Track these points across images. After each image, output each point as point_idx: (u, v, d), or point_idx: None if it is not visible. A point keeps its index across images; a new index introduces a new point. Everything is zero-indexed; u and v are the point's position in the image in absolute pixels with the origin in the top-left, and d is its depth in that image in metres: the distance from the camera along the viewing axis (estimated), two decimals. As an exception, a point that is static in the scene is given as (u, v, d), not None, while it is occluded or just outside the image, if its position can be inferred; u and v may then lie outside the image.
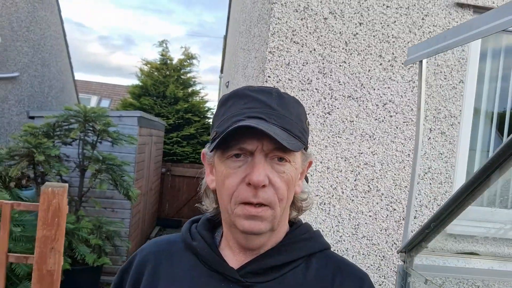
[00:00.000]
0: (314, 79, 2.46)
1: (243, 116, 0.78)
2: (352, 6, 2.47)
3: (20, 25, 7.07)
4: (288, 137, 0.77)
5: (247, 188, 0.77)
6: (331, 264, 0.87)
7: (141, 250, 0.95)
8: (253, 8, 3.45)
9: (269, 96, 0.81)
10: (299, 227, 0.90)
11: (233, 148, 0.78)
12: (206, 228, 0.92)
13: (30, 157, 4.06)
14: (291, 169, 0.80)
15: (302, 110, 0.86)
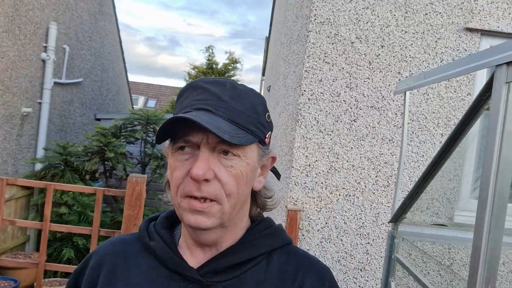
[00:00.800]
0: (342, 92, 3.02)
1: (190, 108, 0.78)
2: (375, 32, 3.02)
3: (84, 35, 8.00)
4: (235, 130, 0.76)
5: (191, 181, 0.76)
6: (293, 259, 0.88)
7: (96, 252, 0.92)
8: (294, 26, 4.03)
9: (222, 88, 0.80)
10: (260, 223, 0.90)
11: (179, 141, 0.78)
12: (164, 226, 0.90)
13: (101, 154, 4.85)
14: (240, 164, 0.79)
15: (260, 101, 0.84)
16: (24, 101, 6.21)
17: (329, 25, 2.99)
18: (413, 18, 3.02)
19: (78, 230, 3.05)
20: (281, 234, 0.91)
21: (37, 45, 6.43)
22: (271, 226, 0.90)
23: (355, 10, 3.00)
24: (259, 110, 0.83)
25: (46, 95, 6.61)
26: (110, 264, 0.87)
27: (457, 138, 1.26)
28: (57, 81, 6.93)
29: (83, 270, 0.90)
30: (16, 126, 6.06)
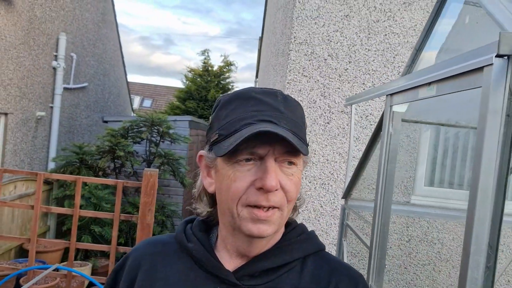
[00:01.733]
0: (317, 100, 3.74)
1: (253, 120, 0.78)
2: (344, 50, 3.73)
3: (89, 43, 8.68)
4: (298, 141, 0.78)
5: (257, 192, 0.77)
6: (327, 266, 0.89)
7: (134, 251, 0.95)
8: (280, 40, 4.73)
9: (274, 98, 0.82)
10: (294, 228, 0.91)
11: (243, 153, 0.78)
12: (201, 229, 0.92)
13: (111, 153, 5.54)
14: (298, 172, 0.82)
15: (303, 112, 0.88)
16: (38, 106, 6.89)
17: (306, 45, 3.71)
18: (375, 38, 3.74)
19: (103, 215, 3.75)
20: (315, 240, 0.93)
21: (48, 54, 7.11)
22: (304, 232, 0.92)
23: (327, 33, 3.71)
24: (304, 120, 0.87)
25: (57, 99, 7.29)
26: (149, 264, 0.90)
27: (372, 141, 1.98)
28: (66, 87, 7.61)
29: (122, 269, 0.94)
30: (32, 129, 6.74)
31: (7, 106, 6.01)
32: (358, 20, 3.72)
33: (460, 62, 1.11)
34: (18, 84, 6.25)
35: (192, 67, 11.22)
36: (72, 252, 3.68)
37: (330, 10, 3.69)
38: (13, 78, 6.11)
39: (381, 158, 1.68)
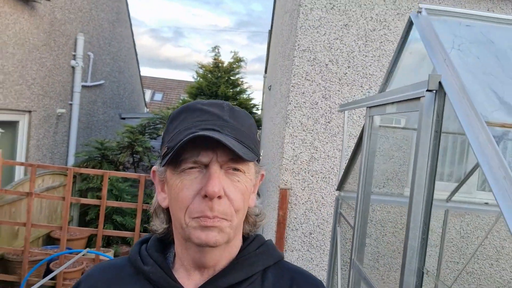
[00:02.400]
0: (319, 101, 4.18)
1: (197, 128, 0.80)
2: (343, 56, 4.16)
3: (105, 42, 9.17)
4: (242, 148, 0.80)
5: (202, 200, 0.78)
6: (287, 275, 0.92)
7: (87, 278, 0.92)
8: (287, 43, 5.16)
9: (221, 109, 0.84)
10: (252, 241, 0.92)
11: (187, 161, 0.79)
12: (157, 249, 0.91)
13: (130, 148, 6.05)
14: (245, 180, 0.83)
15: (253, 123, 0.89)
16: (59, 103, 7.41)
17: (309, 52, 4.14)
18: (371, 45, 4.16)
19: (128, 205, 4.25)
20: (273, 250, 0.94)
21: (67, 54, 7.62)
22: (263, 244, 0.93)
23: (328, 40, 4.15)
24: (253, 130, 0.88)
25: (76, 97, 7.81)
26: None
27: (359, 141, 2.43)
28: (84, 84, 8.13)
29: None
30: (53, 125, 7.26)
31: (31, 104, 6.53)
32: (356, 29, 4.14)
33: (408, 91, 1.55)
34: (41, 83, 6.77)
35: (203, 63, 11.68)
36: (99, 238, 4.19)
37: (330, 20, 4.12)
38: (36, 78, 6.63)
39: (362, 155, 2.13)
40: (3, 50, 5.71)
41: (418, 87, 1.47)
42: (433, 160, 1.45)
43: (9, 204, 4.53)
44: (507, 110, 1.31)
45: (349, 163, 2.71)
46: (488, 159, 1.13)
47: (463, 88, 1.35)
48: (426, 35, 1.64)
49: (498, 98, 1.35)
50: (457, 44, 1.59)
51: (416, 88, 1.48)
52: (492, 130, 1.21)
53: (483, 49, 1.60)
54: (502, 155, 1.13)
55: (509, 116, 1.30)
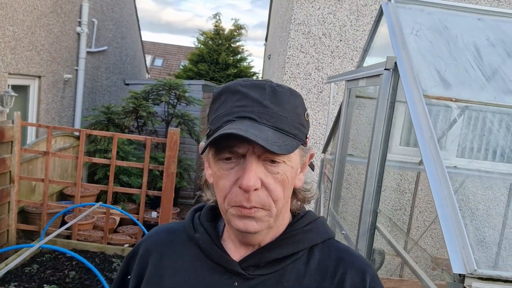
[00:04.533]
0: (312, 72, 4.54)
1: (233, 116, 0.80)
2: (336, 30, 4.49)
3: (108, 8, 9.40)
4: (281, 137, 0.79)
5: (239, 191, 0.79)
6: (334, 255, 0.91)
7: (145, 240, 1.00)
8: (284, 15, 5.47)
9: (262, 92, 0.81)
10: (301, 217, 0.93)
11: (224, 151, 0.80)
12: (209, 218, 0.95)
13: (135, 113, 6.42)
14: (286, 169, 0.82)
15: (300, 102, 0.86)
16: (65, 69, 7.74)
17: (303, 25, 4.48)
18: (363, 20, 4.49)
19: (136, 165, 4.68)
20: (322, 228, 0.94)
21: (73, 21, 7.89)
22: (312, 221, 0.93)
23: (322, 15, 4.47)
24: (299, 111, 0.85)
25: (81, 63, 8.13)
26: (158, 253, 0.94)
27: (340, 110, 2.82)
28: (88, 50, 8.42)
29: (134, 256, 0.99)
30: (60, 90, 7.62)
31: (41, 69, 6.87)
32: (349, 4, 4.46)
33: (372, 69, 1.94)
34: (49, 49, 7.08)
35: (204, 30, 11.90)
36: (110, 194, 4.64)
37: (325, -5, 4.44)
38: (45, 44, 6.94)
39: (340, 122, 2.53)
40: (14, 17, 6.01)
41: (379, 66, 1.86)
42: (387, 125, 1.86)
43: (26, 162, 4.97)
44: (445, 86, 1.70)
45: (332, 130, 3.12)
46: (420, 123, 1.53)
47: (411, 68, 1.73)
48: (391, 22, 2.01)
49: (440, 76, 1.74)
50: (415, 30, 1.96)
51: (377, 67, 1.87)
52: (428, 101, 1.60)
53: (437, 34, 1.98)
54: (431, 120, 1.52)
55: (445, 90, 1.69)
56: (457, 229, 1.24)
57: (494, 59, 1.88)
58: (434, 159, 1.41)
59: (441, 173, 1.36)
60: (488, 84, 1.73)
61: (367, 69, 2.03)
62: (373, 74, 1.93)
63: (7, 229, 4.58)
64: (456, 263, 1.17)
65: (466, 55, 1.84)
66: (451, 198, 1.29)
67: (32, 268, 3.95)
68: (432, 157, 1.43)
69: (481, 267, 1.16)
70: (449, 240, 1.22)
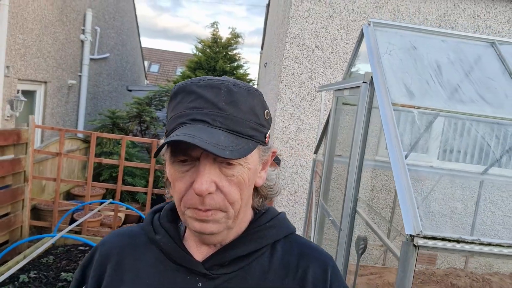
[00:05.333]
0: (306, 81, 5.00)
1: (187, 119, 0.79)
2: (327, 43, 4.96)
3: (110, 16, 9.85)
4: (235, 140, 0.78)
5: (194, 194, 0.78)
6: (296, 249, 0.93)
7: (102, 244, 0.97)
8: (281, 27, 5.93)
9: (217, 93, 0.80)
10: (263, 214, 0.94)
11: (179, 154, 0.79)
12: (169, 219, 0.94)
13: (139, 118, 6.86)
14: (242, 171, 0.81)
15: (258, 101, 0.85)
16: (70, 75, 8.17)
17: (298, 38, 4.94)
18: (352, 34, 4.96)
19: (142, 165, 5.11)
20: (284, 223, 0.96)
21: (77, 29, 8.33)
22: (274, 217, 0.95)
23: (315, 29, 4.94)
24: (257, 111, 0.84)
25: (85, 69, 8.56)
26: (118, 257, 0.92)
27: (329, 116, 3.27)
28: (91, 57, 8.86)
29: (90, 263, 0.96)
30: (65, 95, 8.04)
31: (47, 75, 7.29)
32: (340, 20, 4.94)
33: (353, 81, 2.39)
34: (55, 56, 7.51)
35: (202, 38, 12.36)
36: (118, 192, 5.06)
37: (318, 11, 4.91)
38: (51, 51, 7.37)
39: (328, 126, 2.98)
40: (24, 26, 6.44)
41: (359, 79, 2.31)
42: (365, 126, 2.31)
43: (38, 163, 5.37)
44: (409, 96, 2.15)
45: (322, 133, 3.57)
46: (388, 124, 1.98)
47: (384, 82, 2.18)
48: (370, 43, 2.47)
49: (406, 88, 2.20)
50: (389, 50, 2.42)
51: (357, 80, 2.32)
52: (395, 108, 2.05)
53: (407, 53, 2.43)
54: (396, 123, 1.97)
55: (410, 100, 2.14)
56: (410, 205, 1.68)
57: (452, 74, 2.33)
58: (397, 152, 1.85)
59: (401, 162, 1.81)
60: (445, 95, 2.18)
61: (350, 81, 2.49)
62: (354, 86, 2.38)
63: (21, 225, 4.97)
64: (408, 227, 1.62)
65: (429, 71, 2.30)
66: (407, 182, 1.73)
67: (48, 259, 4.35)
68: (395, 150, 1.88)
69: (426, 230, 1.61)
70: (404, 212, 1.66)
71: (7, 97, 6.07)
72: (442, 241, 1.61)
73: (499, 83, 2.35)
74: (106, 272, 0.92)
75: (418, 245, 1.59)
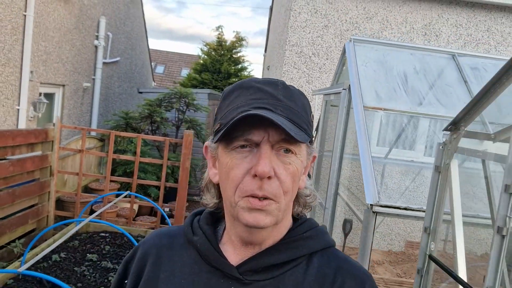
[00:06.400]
0: (304, 85, 5.59)
1: (249, 107, 0.81)
2: (323, 50, 5.55)
3: (120, 22, 10.48)
4: (294, 128, 0.81)
5: (252, 180, 0.80)
6: (333, 263, 0.91)
7: (143, 243, 1.02)
8: (281, 34, 6.51)
9: (275, 87, 0.84)
10: (302, 224, 0.94)
11: (239, 139, 0.81)
12: (208, 222, 0.97)
13: (150, 118, 7.45)
14: (296, 161, 0.84)
15: (307, 103, 0.90)
16: (85, 78, 8.80)
17: (296, 46, 5.53)
18: (345, 42, 5.54)
19: (156, 161, 5.71)
20: (323, 236, 0.95)
21: (92, 35, 8.96)
22: (312, 228, 0.94)
23: (312, 38, 5.53)
24: (307, 110, 0.89)
25: (98, 73, 9.19)
26: (156, 256, 0.97)
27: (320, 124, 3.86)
28: (104, 61, 9.48)
29: (131, 260, 1.01)
30: (80, 97, 8.67)
31: (65, 79, 7.92)
32: (334, 30, 5.52)
33: (337, 88, 2.97)
34: (72, 61, 8.14)
35: (207, 41, 12.99)
36: (134, 185, 5.66)
37: (314, 22, 5.49)
38: (69, 56, 8.00)
39: (319, 126, 3.56)
40: (46, 34, 7.07)
41: (340, 86, 2.90)
42: (345, 125, 2.89)
43: (61, 160, 5.99)
44: (378, 100, 2.74)
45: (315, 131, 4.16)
46: (359, 122, 2.56)
47: (359, 89, 2.77)
48: (350, 57, 3.05)
49: (376, 94, 2.78)
50: (365, 62, 3.01)
51: (339, 87, 2.91)
52: (366, 110, 2.63)
53: (379, 65, 3.02)
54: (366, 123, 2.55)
55: (378, 103, 2.72)
56: (371, 182, 2.27)
57: (416, 82, 2.91)
58: (365, 144, 2.44)
59: (367, 151, 2.39)
60: (408, 99, 2.76)
61: (334, 88, 3.08)
62: (337, 92, 2.97)
63: (47, 215, 5.58)
64: (369, 198, 2.21)
65: (396, 79, 2.88)
66: (370, 165, 2.32)
67: (74, 243, 4.95)
68: (363, 142, 2.46)
69: (382, 201, 2.19)
70: (366, 187, 2.25)
71: (31, 99, 6.70)
72: (394, 209, 2.20)
73: (455, 89, 2.94)
74: (146, 269, 0.96)
75: (376, 212, 2.18)
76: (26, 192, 5.02)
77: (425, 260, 1.73)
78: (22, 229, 5.08)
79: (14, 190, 4.79)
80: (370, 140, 2.49)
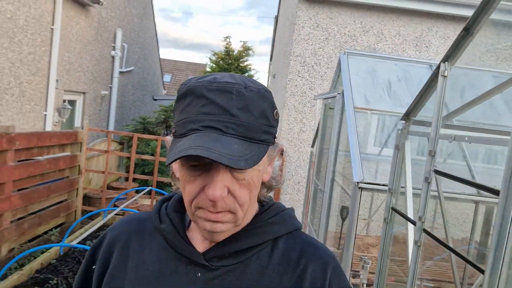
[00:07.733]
0: (307, 91, 6.26)
1: (199, 125, 0.79)
2: (325, 60, 6.23)
3: (135, 33, 11.23)
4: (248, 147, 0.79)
5: (206, 197, 0.80)
6: (298, 246, 0.93)
7: (111, 229, 1.02)
8: (287, 46, 7.19)
9: (229, 98, 0.80)
10: (267, 209, 0.96)
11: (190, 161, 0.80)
12: (176, 209, 0.97)
13: (165, 123, 8.14)
14: (252, 173, 0.84)
15: (268, 104, 0.86)
16: (102, 86, 9.52)
17: (300, 57, 6.21)
18: (344, 53, 6.22)
19: (174, 160, 6.37)
20: (289, 220, 0.97)
21: (109, 46, 9.69)
22: (278, 213, 0.96)
23: (314, 49, 6.21)
24: (268, 113, 0.85)
25: (115, 81, 9.92)
26: (124, 242, 0.97)
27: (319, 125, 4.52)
28: (120, 70, 10.21)
29: (99, 246, 1.01)
30: (98, 104, 9.39)
31: (85, 87, 8.64)
32: (334, 42, 6.20)
33: (333, 93, 3.63)
34: (91, 70, 8.86)
35: (215, 51, 13.71)
36: (154, 181, 6.34)
37: (316, 35, 6.18)
38: (89, 66, 8.73)
39: (319, 126, 4.22)
40: (69, 46, 7.80)
41: (335, 91, 3.56)
42: (339, 124, 3.55)
43: (86, 160, 6.68)
44: (366, 102, 3.40)
45: (316, 131, 4.82)
46: (350, 121, 3.21)
47: (350, 94, 3.42)
48: (344, 67, 3.72)
49: (365, 98, 3.44)
50: (356, 72, 3.67)
51: (335, 92, 3.57)
52: (356, 111, 3.29)
53: (368, 74, 3.68)
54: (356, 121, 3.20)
55: (366, 105, 3.38)
56: (358, 164, 2.93)
57: (398, 88, 3.57)
58: (354, 139, 3.09)
59: (355, 144, 3.04)
60: (391, 102, 3.42)
61: (331, 93, 3.74)
62: (333, 96, 3.63)
63: (75, 209, 6.26)
64: (356, 177, 2.86)
65: (382, 86, 3.54)
66: (358, 155, 2.97)
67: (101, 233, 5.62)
68: (353, 136, 3.12)
69: (366, 179, 2.85)
70: (354, 168, 2.91)
71: (56, 106, 7.42)
72: (377, 185, 2.85)
73: (431, 93, 3.59)
74: (113, 256, 0.97)
75: (361, 188, 2.83)
76: (58, 188, 5.71)
77: (389, 211, 2.38)
78: (54, 221, 5.76)
79: (50, 185, 5.48)
80: (367, 141, 3.15)
